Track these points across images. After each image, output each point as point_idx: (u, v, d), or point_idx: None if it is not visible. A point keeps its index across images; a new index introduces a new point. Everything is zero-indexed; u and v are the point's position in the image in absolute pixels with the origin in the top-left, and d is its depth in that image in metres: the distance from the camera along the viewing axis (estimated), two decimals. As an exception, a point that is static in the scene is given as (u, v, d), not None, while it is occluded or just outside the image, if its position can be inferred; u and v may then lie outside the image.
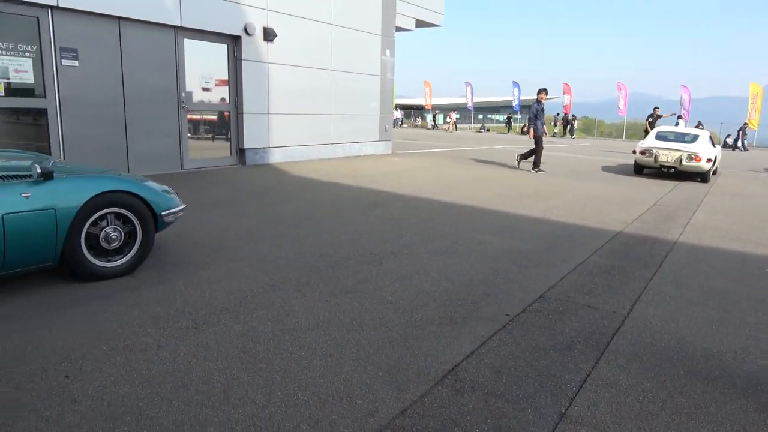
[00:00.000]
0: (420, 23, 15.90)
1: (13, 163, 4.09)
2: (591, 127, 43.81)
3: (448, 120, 40.32)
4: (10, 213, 3.27)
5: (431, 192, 8.53)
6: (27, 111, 7.51)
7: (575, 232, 6.11)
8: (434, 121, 44.30)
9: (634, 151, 12.30)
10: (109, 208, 3.81)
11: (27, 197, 3.37)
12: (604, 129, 44.74)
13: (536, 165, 11.96)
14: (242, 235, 5.39)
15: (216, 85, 9.98)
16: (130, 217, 3.96)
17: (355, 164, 11.71)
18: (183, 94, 9.24)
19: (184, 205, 4.45)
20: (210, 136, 10.27)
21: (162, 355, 2.88)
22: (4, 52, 7.07)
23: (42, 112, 7.53)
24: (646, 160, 11.89)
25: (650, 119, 18.16)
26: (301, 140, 11.58)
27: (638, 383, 2.79)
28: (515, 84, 39.91)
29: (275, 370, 2.77)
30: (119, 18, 8.12)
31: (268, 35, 10.23)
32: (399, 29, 14.52)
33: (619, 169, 13.88)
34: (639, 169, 12.47)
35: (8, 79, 7.10)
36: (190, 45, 9.23)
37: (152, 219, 4.07)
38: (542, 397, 2.61)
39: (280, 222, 6.02)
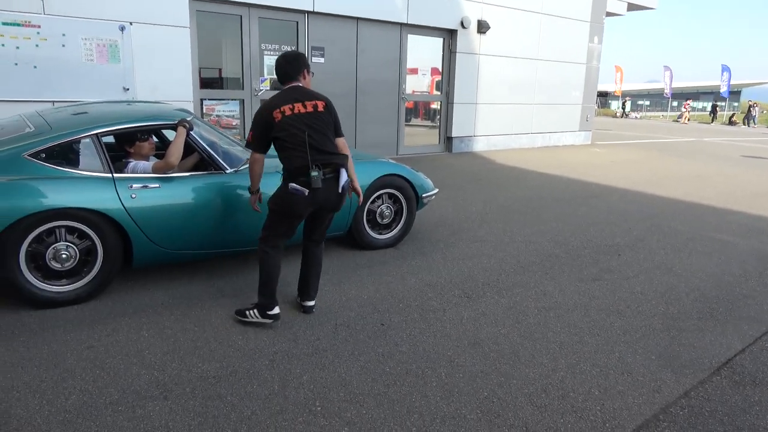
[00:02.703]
0: (632, 6, 14.99)
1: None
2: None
3: (683, 109, 33.90)
4: (322, 190, 4.05)
5: (646, 185, 8.21)
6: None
7: (835, 240, 5.52)
8: (623, 108, 40.72)
9: None
10: (386, 189, 4.49)
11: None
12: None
13: None
14: (474, 218, 5.86)
15: (430, 76, 10.66)
16: (399, 197, 4.61)
17: (556, 154, 11.63)
18: (403, 86, 10.05)
19: (438, 190, 5.02)
20: (421, 124, 11.02)
21: (449, 316, 3.41)
22: (270, 52, 8.42)
23: (294, 103, 8.83)
24: None
25: None
26: (503, 129, 11.82)
27: None
28: (725, 68, 34.87)
29: (551, 341, 3.12)
30: (358, 18, 9.11)
31: (482, 27, 10.59)
32: (609, 14, 13.88)
33: None
34: None
35: (273, 75, 8.46)
36: (411, 40, 9.98)
37: (415, 200, 4.68)
38: (837, 402, 2.60)
39: (503, 207, 6.38)
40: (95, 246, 3.32)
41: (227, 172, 3.76)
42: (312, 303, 3.37)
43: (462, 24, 10.36)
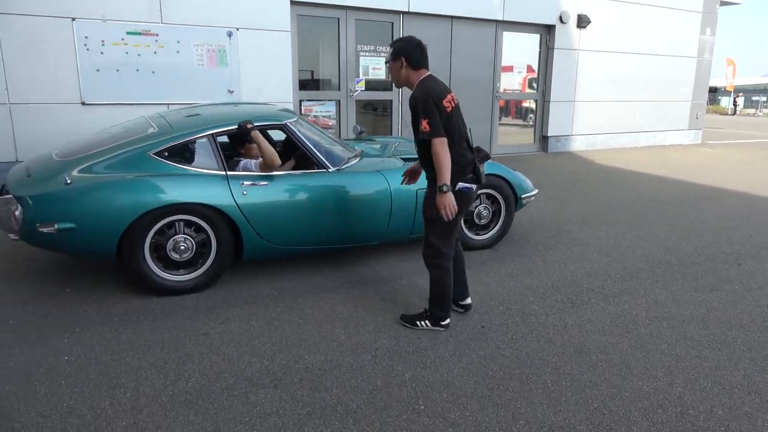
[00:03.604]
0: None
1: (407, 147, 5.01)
2: None
3: None
4: (420, 188, 4.05)
5: (766, 189, 7.50)
6: (378, 102, 9.01)
7: None
8: (734, 105, 37.22)
9: None
10: (484, 189, 4.42)
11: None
12: None
13: None
14: (574, 220, 5.63)
15: (525, 74, 10.38)
16: (498, 197, 4.52)
17: (662, 154, 10.92)
18: (497, 84, 9.86)
19: (537, 190, 4.87)
20: (513, 123, 10.76)
21: (552, 321, 3.29)
22: (366, 53, 8.57)
23: (388, 104, 8.94)
24: None
25: None
26: (603, 128, 11.28)
27: None
28: None
29: (666, 353, 2.93)
30: (452, 17, 9.05)
31: (582, 22, 10.16)
32: (723, 3, 12.83)
33: None
34: None
35: (368, 75, 8.61)
36: (507, 37, 9.77)
37: (514, 200, 4.57)
38: None
39: (606, 210, 6.07)
40: (210, 239, 3.54)
41: (330, 170, 3.86)
42: (470, 301, 3.38)
43: (561, 19, 9.99)
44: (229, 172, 3.59)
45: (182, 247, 3.46)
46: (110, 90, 6.74)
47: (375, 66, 8.64)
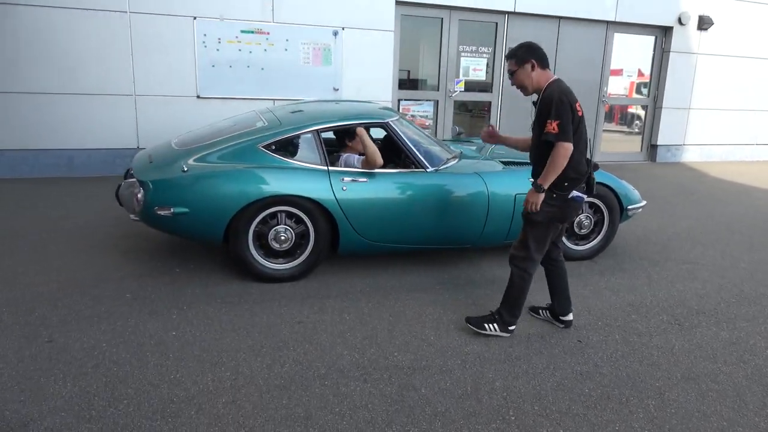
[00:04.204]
0: None
1: (503, 151, 4.90)
2: None
3: None
4: (520, 193, 3.94)
5: None
6: (476, 103, 8.89)
7: None
8: None
9: None
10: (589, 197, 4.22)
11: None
12: None
13: None
14: (684, 237, 5.23)
15: (635, 78, 9.80)
16: (601, 206, 4.30)
17: (789, 170, 9.89)
18: (604, 88, 9.40)
19: (645, 202, 4.58)
20: (616, 129, 10.18)
21: (656, 343, 3.08)
22: (467, 54, 8.48)
23: (486, 105, 8.79)
24: None
25: None
26: (721, 139, 10.40)
27: None
28: None
29: (789, 389, 2.65)
30: (560, 18, 8.73)
31: (703, 24, 9.42)
32: None
33: None
34: None
35: (468, 76, 8.52)
36: (618, 39, 9.28)
37: (619, 211, 4.33)
38: None
39: (721, 227, 5.59)
40: (308, 231, 3.65)
41: (428, 170, 3.85)
42: (572, 318, 3.22)
43: (679, 20, 9.33)
44: (330, 168, 3.68)
45: (282, 237, 3.60)
46: (223, 85, 7.16)
47: (476, 67, 8.52)
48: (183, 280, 3.71)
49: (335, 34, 7.51)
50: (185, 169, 3.50)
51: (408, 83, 8.50)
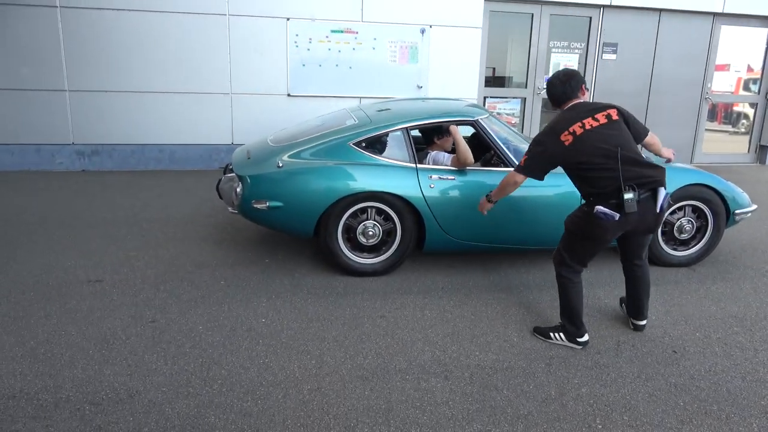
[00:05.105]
0: None
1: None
2: None
3: None
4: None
5: None
6: (565, 101, 8.58)
7: None
8: None
9: None
10: (690, 200, 3.97)
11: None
12: None
13: None
14: (798, 247, 4.78)
15: (743, 74, 9.05)
16: (705, 210, 4.03)
17: None
18: (708, 85, 8.77)
19: (756, 206, 4.24)
20: (719, 129, 9.45)
21: (762, 359, 2.85)
22: (558, 50, 8.22)
23: (577, 102, 8.47)
24: None
25: None
26: None
27: None
28: None
29: None
30: (660, 10, 8.24)
31: (828, 12, 8.54)
32: None
33: None
34: None
35: (558, 73, 8.24)
36: (725, 32, 8.62)
37: (725, 216, 4.04)
38: None
39: (844, 239, 5.05)
40: (395, 227, 3.70)
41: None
42: (644, 322, 3.11)
43: (799, 10, 8.52)
44: (418, 165, 3.71)
45: (370, 233, 3.68)
46: (312, 83, 7.39)
47: (567, 63, 8.23)
48: (272, 270, 3.88)
49: (422, 31, 7.52)
50: (280, 165, 3.66)
51: (493, 80, 8.35)
